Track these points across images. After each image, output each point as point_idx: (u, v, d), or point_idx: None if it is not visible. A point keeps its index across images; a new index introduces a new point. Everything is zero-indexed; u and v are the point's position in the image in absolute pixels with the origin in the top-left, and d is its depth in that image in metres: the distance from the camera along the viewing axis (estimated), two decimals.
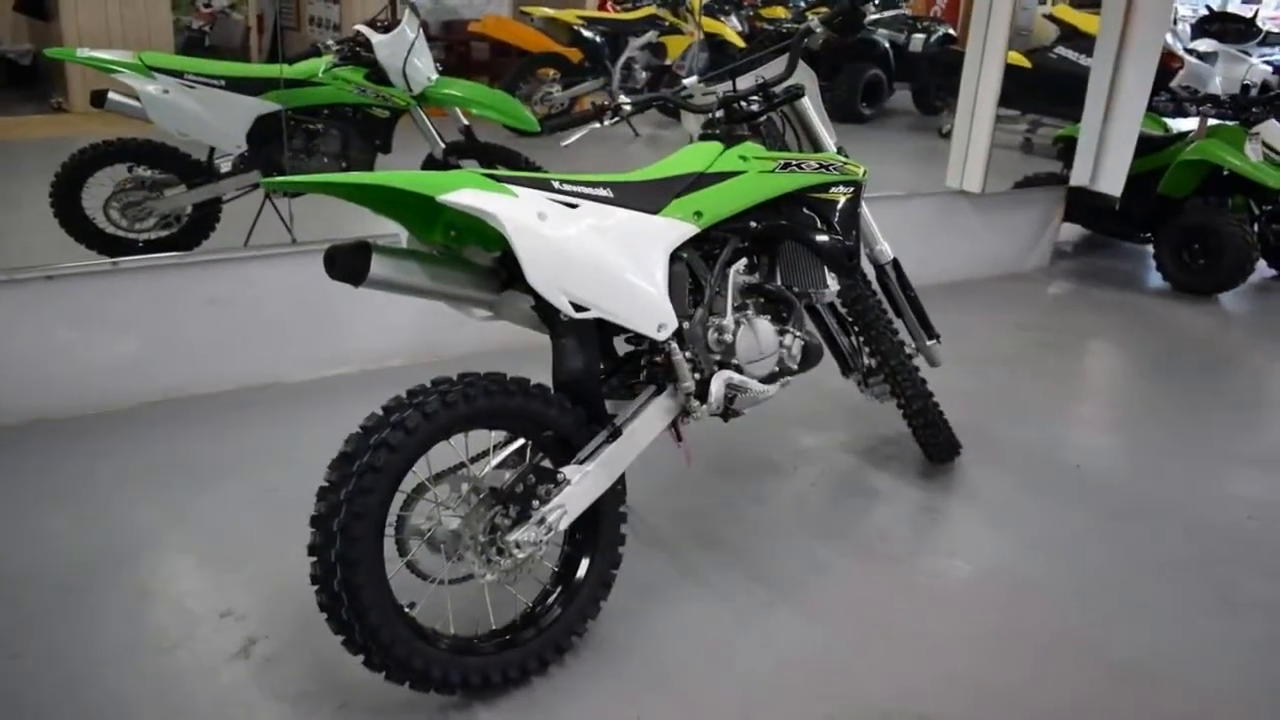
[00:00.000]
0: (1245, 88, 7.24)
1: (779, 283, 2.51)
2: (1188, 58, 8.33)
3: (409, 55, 3.94)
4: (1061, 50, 7.18)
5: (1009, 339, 4.54)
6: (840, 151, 2.66)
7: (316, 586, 1.85)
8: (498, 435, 2.12)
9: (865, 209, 2.70)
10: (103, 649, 2.18)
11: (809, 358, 2.52)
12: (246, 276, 3.56)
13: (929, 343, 3.02)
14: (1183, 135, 5.52)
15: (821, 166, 2.46)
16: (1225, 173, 5.28)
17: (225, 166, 3.91)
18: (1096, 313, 5.02)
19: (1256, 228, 5.41)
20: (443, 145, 4.18)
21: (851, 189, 2.50)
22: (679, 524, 2.78)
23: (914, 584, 2.55)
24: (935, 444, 3.11)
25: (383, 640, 1.87)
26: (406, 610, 1.96)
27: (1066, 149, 5.62)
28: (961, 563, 2.65)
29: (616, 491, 2.19)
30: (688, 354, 2.21)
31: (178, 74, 3.67)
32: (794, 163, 2.41)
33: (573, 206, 1.98)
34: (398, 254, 1.91)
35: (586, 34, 6.27)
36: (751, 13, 8.79)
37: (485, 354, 3.88)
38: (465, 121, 4.24)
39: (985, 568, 2.64)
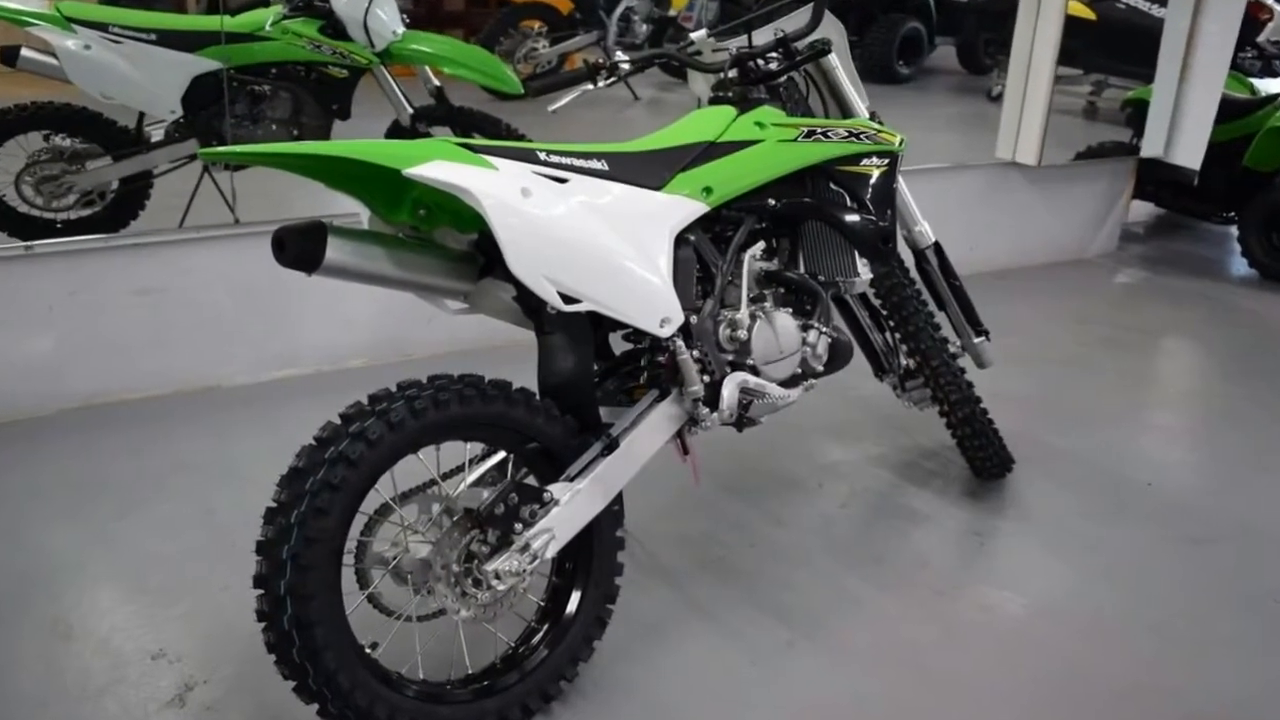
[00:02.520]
0: None
1: (802, 270, 2.51)
2: (1277, 7, 8.34)
3: (371, 5, 3.94)
4: None
5: (1069, 335, 4.54)
6: (873, 117, 2.66)
7: (263, 623, 1.85)
8: (474, 448, 2.12)
9: (902, 184, 2.70)
10: (15, 695, 2.18)
11: (837, 357, 2.52)
12: (182, 263, 3.56)
13: (976, 340, 3.03)
14: (1272, 98, 5.53)
15: (851, 135, 2.46)
16: None
17: (157, 135, 3.91)
18: (1171, 304, 5.02)
19: None
20: (410, 110, 4.18)
21: (886, 161, 2.51)
22: (685, 551, 2.78)
23: (959, 621, 2.55)
24: (984, 458, 3.11)
25: (340, 686, 1.87)
26: (368, 651, 1.96)
27: (1136, 114, 5.62)
28: (1015, 596, 2.66)
29: (612, 513, 2.19)
30: (695, 353, 2.21)
31: (101, 27, 3.67)
32: (819, 130, 2.41)
33: (561, 181, 1.98)
34: (358, 236, 1.91)
35: None
36: None
37: (459, 353, 3.88)
38: (436, 82, 4.24)
39: (1043, 602, 2.64)
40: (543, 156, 1.99)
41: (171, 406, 3.50)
